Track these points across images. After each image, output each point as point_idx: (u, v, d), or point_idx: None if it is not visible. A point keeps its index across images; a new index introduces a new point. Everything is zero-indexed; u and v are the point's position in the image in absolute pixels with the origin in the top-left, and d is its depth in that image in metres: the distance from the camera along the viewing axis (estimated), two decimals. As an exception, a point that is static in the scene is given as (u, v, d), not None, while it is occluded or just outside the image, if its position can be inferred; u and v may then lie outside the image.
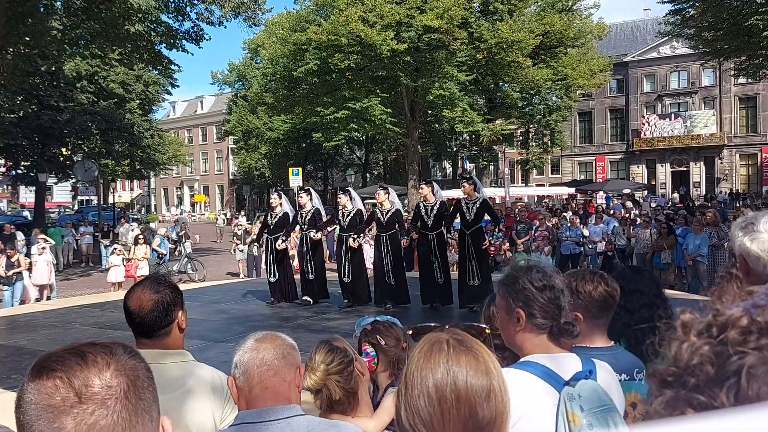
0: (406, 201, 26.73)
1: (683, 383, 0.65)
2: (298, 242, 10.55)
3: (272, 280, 9.80)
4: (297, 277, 10.18)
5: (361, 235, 9.45)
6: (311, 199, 9.75)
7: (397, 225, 9.15)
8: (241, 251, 16.97)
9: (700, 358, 0.64)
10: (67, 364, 0.81)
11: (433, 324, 1.63)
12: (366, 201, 18.43)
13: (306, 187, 10.68)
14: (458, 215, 8.97)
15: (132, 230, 19.40)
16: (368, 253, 11.73)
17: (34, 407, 0.79)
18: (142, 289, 2.06)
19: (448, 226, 9.04)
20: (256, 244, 13.13)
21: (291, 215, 9.88)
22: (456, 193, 11.41)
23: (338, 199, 9.67)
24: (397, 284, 9.03)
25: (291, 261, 10.49)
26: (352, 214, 9.34)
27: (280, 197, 10.00)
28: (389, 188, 9.69)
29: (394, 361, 2.39)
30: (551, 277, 1.69)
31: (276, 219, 9.80)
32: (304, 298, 9.62)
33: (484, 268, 8.66)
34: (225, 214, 40.69)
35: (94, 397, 0.80)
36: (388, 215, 9.10)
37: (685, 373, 0.65)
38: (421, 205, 9.03)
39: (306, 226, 9.66)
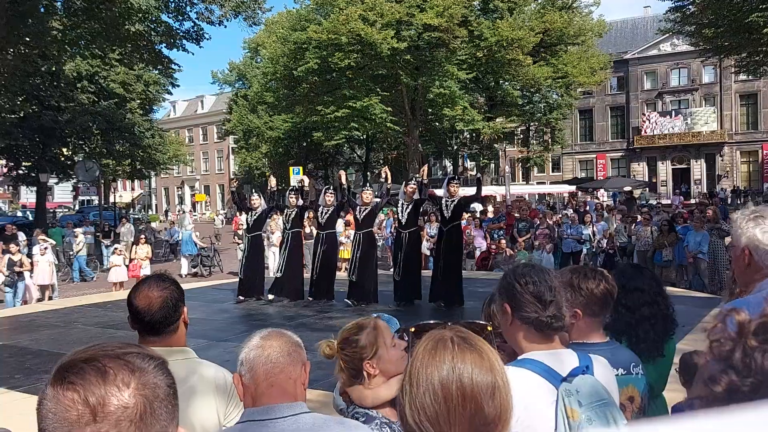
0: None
1: (764, 395, 0.65)
2: (280, 240, 10.69)
3: (240, 277, 9.99)
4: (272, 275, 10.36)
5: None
6: (298, 198, 9.85)
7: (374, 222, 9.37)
8: (243, 250, 16.99)
9: None
10: (87, 379, 0.81)
11: (434, 322, 1.64)
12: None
13: (296, 187, 10.72)
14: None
15: (132, 232, 19.44)
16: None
17: (52, 416, 0.80)
18: (148, 288, 2.06)
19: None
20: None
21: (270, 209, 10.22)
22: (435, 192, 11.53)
23: (325, 197, 9.63)
24: (360, 282, 8.99)
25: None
26: (330, 212, 9.42)
27: (260, 197, 10.20)
28: (372, 186, 9.86)
29: None
30: (539, 273, 1.71)
31: (255, 218, 10.01)
32: (270, 296, 9.70)
33: (451, 265, 8.68)
34: (224, 214, 40.58)
35: (108, 417, 0.80)
36: (364, 213, 9.15)
37: (765, 384, 0.65)
38: (400, 202, 9.12)
39: (290, 225, 9.72)
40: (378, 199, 9.46)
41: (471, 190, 9.34)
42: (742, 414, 0.58)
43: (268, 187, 10.50)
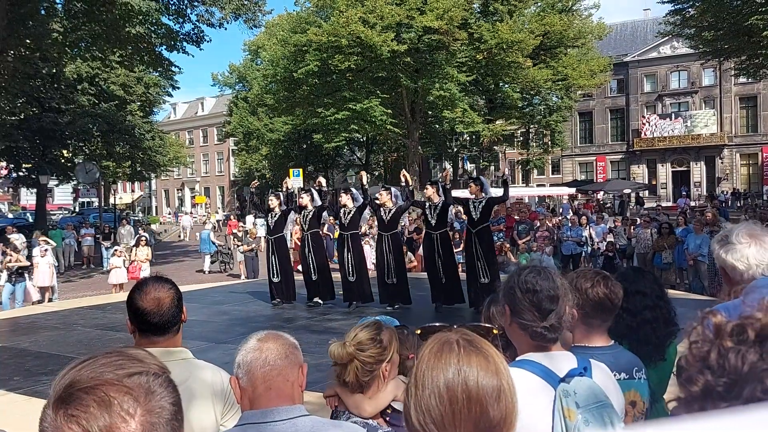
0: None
1: (737, 394, 0.66)
2: (300, 243, 10.56)
3: (275, 280, 9.80)
4: (298, 277, 10.20)
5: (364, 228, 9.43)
6: (312, 199, 9.75)
7: (399, 223, 9.18)
8: (242, 252, 16.99)
9: (751, 367, 0.65)
10: (90, 413, 0.78)
11: (440, 324, 1.64)
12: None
13: (307, 188, 10.66)
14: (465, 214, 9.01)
15: (132, 234, 19.48)
16: (368, 253, 11.71)
17: None
18: (154, 289, 2.06)
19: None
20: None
21: (290, 210, 9.95)
22: (458, 194, 11.40)
23: (339, 199, 9.62)
24: (399, 284, 9.03)
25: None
26: (352, 213, 9.35)
27: (278, 198, 10.01)
28: (391, 188, 9.66)
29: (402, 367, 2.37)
30: (544, 279, 1.70)
31: (276, 218, 9.85)
32: (315, 300, 9.62)
33: (492, 266, 8.61)
34: (219, 217, 40.13)
35: None
36: (390, 214, 9.11)
37: (738, 383, 0.66)
38: (427, 204, 9.06)
39: (307, 226, 9.67)
40: (402, 202, 9.38)
41: (498, 191, 9.26)
42: (731, 418, 0.58)
43: (284, 188, 10.43)
